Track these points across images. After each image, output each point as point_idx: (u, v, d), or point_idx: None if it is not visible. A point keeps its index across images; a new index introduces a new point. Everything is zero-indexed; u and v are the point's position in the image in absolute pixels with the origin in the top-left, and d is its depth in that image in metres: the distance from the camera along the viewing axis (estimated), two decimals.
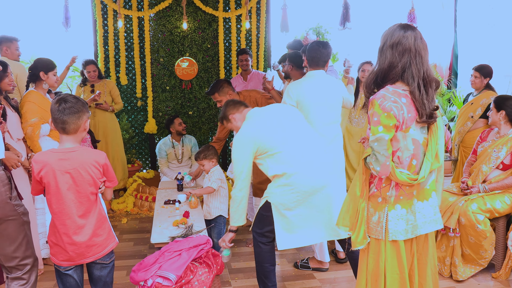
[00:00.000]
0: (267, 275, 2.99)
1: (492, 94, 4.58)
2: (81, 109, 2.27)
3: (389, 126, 2.02)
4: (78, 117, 2.26)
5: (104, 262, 2.42)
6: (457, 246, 3.50)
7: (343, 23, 6.47)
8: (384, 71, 2.11)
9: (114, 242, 2.46)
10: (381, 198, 2.18)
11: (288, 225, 2.80)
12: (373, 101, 2.06)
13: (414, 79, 2.07)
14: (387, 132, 2.03)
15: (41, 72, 3.67)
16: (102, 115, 5.35)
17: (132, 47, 6.15)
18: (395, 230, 2.14)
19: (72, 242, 2.29)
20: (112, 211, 5.31)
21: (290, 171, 2.76)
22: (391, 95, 2.05)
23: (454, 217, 3.46)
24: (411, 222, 2.16)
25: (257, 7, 6.36)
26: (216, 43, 6.28)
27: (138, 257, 3.98)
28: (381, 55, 2.12)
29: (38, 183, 2.28)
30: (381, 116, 2.02)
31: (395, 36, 2.08)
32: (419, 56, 2.08)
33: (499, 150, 3.61)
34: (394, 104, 2.02)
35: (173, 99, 6.25)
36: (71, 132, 2.27)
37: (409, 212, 2.16)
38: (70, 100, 2.26)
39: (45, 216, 3.65)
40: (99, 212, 2.37)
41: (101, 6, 5.98)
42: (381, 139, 2.03)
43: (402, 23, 2.14)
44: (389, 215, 2.15)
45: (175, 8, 6.03)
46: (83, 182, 2.27)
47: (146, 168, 6.47)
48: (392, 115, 2.02)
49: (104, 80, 5.42)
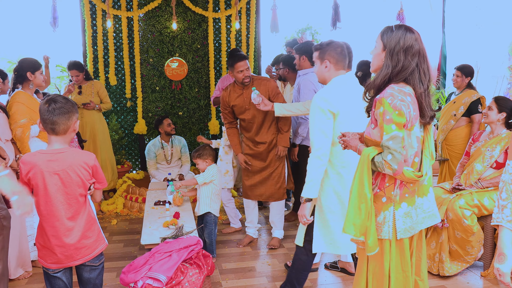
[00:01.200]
0: (301, 281, 3.01)
1: (474, 93, 4.74)
2: (71, 110, 2.25)
3: (401, 124, 2.05)
4: (68, 118, 2.24)
5: (93, 264, 2.40)
6: (445, 242, 3.54)
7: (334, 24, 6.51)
8: (395, 74, 2.14)
9: (103, 244, 2.44)
10: (385, 198, 2.19)
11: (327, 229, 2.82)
12: (382, 100, 2.07)
13: (423, 83, 2.13)
14: (400, 130, 2.05)
15: (28, 72, 3.63)
16: (90, 116, 5.30)
17: (122, 48, 6.12)
18: (402, 228, 2.17)
19: (60, 244, 2.26)
20: (101, 212, 5.27)
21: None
22: (398, 93, 2.07)
23: (442, 209, 3.53)
24: (414, 219, 2.20)
25: (247, 7, 6.36)
26: (206, 44, 6.27)
27: (128, 259, 3.95)
28: (392, 57, 2.13)
29: (26, 184, 2.26)
30: (393, 114, 2.04)
31: (407, 40, 2.12)
32: (425, 60, 2.15)
33: (492, 149, 3.65)
34: (402, 102, 2.05)
35: (163, 99, 6.22)
36: (60, 133, 2.25)
37: (413, 209, 2.20)
38: (60, 101, 2.24)
39: (33, 218, 3.61)
40: (88, 214, 2.35)
41: (89, 6, 5.93)
42: (396, 137, 2.04)
43: (404, 25, 2.17)
44: (396, 214, 2.17)
45: (164, 8, 6.00)
46: (71, 184, 2.25)
47: (136, 169, 6.44)
48: (403, 113, 2.04)
49: (91, 81, 5.37)
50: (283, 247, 4.23)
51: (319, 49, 2.88)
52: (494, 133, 3.74)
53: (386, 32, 2.18)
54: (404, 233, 2.17)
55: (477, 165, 3.70)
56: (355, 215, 2.16)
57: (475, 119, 4.63)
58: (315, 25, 7.12)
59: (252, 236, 4.36)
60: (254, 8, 6.37)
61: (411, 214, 2.20)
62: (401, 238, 2.18)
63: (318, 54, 2.88)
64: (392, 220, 2.18)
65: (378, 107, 2.10)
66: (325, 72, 2.86)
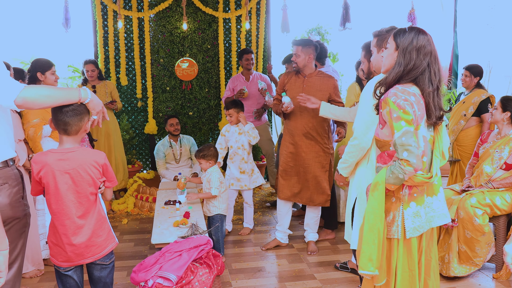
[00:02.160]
0: None
1: (483, 92, 4.68)
2: (83, 111, 2.28)
3: (409, 120, 2.07)
4: (80, 119, 2.26)
5: (103, 263, 2.42)
6: (454, 242, 3.51)
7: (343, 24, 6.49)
8: (407, 72, 2.16)
9: (113, 243, 2.46)
10: (394, 198, 2.22)
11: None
12: (387, 99, 2.11)
13: (433, 83, 2.15)
14: (411, 125, 2.07)
15: (38, 72, 3.66)
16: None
17: (132, 48, 6.16)
18: (411, 227, 2.19)
19: (71, 242, 2.29)
20: (112, 212, 5.31)
21: None
22: (401, 93, 2.10)
23: (453, 208, 3.49)
24: (423, 218, 2.22)
25: (257, 7, 6.37)
26: (216, 44, 6.29)
27: (139, 258, 3.98)
28: (405, 56, 2.16)
29: (38, 183, 2.29)
30: (399, 112, 2.07)
31: (420, 40, 2.15)
32: (436, 61, 2.17)
33: (501, 150, 3.62)
34: (405, 102, 2.07)
35: (173, 99, 6.25)
36: (72, 133, 2.28)
37: (422, 208, 2.22)
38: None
39: (45, 217, 3.65)
40: (98, 213, 2.37)
41: (101, 7, 5.98)
42: (407, 132, 2.06)
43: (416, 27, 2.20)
44: (405, 213, 2.20)
45: (175, 8, 6.03)
46: (82, 182, 2.28)
47: (147, 169, 6.47)
48: (408, 111, 2.07)
49: (104, 81, 5.42)
50: (292, 247, 4.23)
51: (377, 36, 2.74)
52: (501, 133, 3.72)
53: (399, 33, 2.20)
54: (413, 232, 2.19)
55: (486, 167, 3.66)
56: (371, 251, 2.14)
57: (485, 118, 4.58)
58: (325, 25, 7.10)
59: (280, 241, 4.22)
60: (264, 8, 6.37)
61: (420, 213, 2.21)
62: (410, 237, 2.20)
63: (375, 41, 2.75)
64: (401, 219, 2.20)
65: (384, 107, 2.14)
66: (381, 61, 2.63)
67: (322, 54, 4.39)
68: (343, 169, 2.87)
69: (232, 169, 4.54)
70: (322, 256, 4.02)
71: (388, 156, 2.23)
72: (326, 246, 4.24)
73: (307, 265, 3.84)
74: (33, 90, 2.06)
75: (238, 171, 4.49)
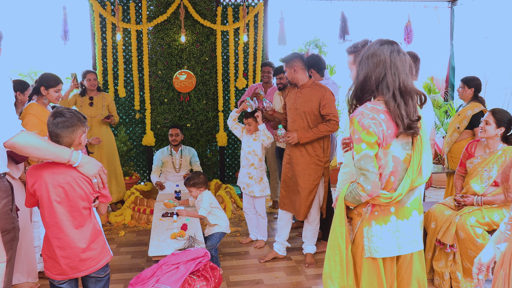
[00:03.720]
0: None
1: (477, 106, 4.66)
2: (75, 123, 2.26)
3: (371, 142, 1.99)
4: (71, 131, 2.25)
5: (99, 275, 2.40)
6: (458, 260, 3.46)
7: (343, 36, 6.56)
8: (361, 83, 2.10)
9: (108, 256, 2.44)
10: (356, 211, 2.16)
11: None
12: (352, 118, 2.04)
13: (389, 89, 2.04)
14: (371, 149, 2.00)
15: (42, 87, 3.71)
16: (98, 128, 5.32)
17: (131, 60, 6.18)
18: (368, 246, 2.10)
19: (65, 255, 2.27)
20: (109, 224, 5.28)
21: None
22: (369, 112, 2.02)
23: (450, 233, 3.43)
24: (391, 241, 2.09)
25: (254, 20, 6.41)
26: (214, 56, 6.32)
27: (136, 270, 3.95)
28: (359, 68, 2.11)
29: (32, 195, 2.28)
30: (361, 134, 1.99)
31: (371, 49, 2.09)
32: (395, 67, 2.05)
33: (490, 169, 3.54)
34: (372, 121, 2.00)
35: (171, 111, 6.26)
36: (65, 146, 2.26)
37: (384, 229, 2.09)
38: (65, 114, 2.26)
39: (40, 229, 3.63)
40: (93, 226, 2.35)
41: (99, 20, 6.02)
42: (366, 156, 1.99)
43: (383, 39, 2.13)
44: (364, 231, 2.12)
45: (173, 21, 6.07)
46: (75, 196, 2.25)
47: (144, 181, 6.46)
48: (372, 132, 1.99)
49: (102, 93, 5.42)
50: (290, 259, 4.20)
51: (353, 52, 2.64)
52: (490, 147, 3.61)
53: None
54: (371, 251, 2.10)
55: (474, 186, 3.58)
56: (331, 268, 2.12)
57: (477, 132, 4.56)
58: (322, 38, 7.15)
59: (277, 253, 4.20)
60: (262, 21, 6.42)
61: (381, 235, 2.09)
62: (368, 256, 2.11)
63: (353, 58, 2.65)
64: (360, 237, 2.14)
65: (350, 126, 2.06)
66: None
67: (321, 67, 4.41)
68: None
69: (242, 172, 4.58)
70: (320, 269, 3.99)
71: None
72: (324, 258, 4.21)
73: (305, 277, 3.81)
74: (25, 138, 2.08)
75: (247, 176, 4.50)
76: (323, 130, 3.80)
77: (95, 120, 5.27)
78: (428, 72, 7.46)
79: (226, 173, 6.71)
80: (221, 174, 6.63)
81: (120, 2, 6.03)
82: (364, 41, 2.65)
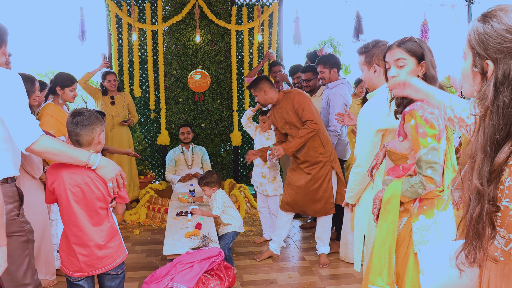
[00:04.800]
0: None
1: None
2: (94, 122, 2.30)
3: (435, 135, 2.01)
4: (91, 130, 2.29)
5: (114, 273, 2.43)
6: None
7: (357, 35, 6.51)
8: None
9: (124, 254, 2.47)
10: (403, 208, 2.14)
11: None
12: (413, 112, 2.03)
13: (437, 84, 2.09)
14: (436, 141, 2.02)
15: (58, 87, 3.75)
16: (119, 129, 5.44)
17: (146, 60, 6.23)
18: (420, 241, 2.10)
19: (83, 253, 2.30)
20: (124, 222, 5.34)
21: None
22: (428, 106, 2.02)
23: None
24: (435, 234, 2.12)
25: (269, 20, 6.41)
26: (228, 56, 6.34)
27: (150, 269, 3.98)
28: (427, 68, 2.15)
29: (51, 193, 2.32)
30: (425, 128, 2.00)
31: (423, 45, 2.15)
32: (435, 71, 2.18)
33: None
34: (431, 115, 2.01)
35: (186, 111, 6.30)
36: (84, 145, 2.30)
37: (432, 222, 2.12)
38: (84, 113, 2.30)
39: (57, 227, 3.68)
40: (110, 226, 2.38)
41: (116, 20, 6.08)
42: (433, 149, 2.00)
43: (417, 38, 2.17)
44: (413, 226, 2.11)
45: (188, 21, 6.10)
46: (92, 197, 2.28)
47: (159, 180, 6.51)
48: (434, 125, 2.01)
49: (123, 93, 5.55)
50: (305, 259, 4.20)
51: (364, 52, 2.59)
52: None
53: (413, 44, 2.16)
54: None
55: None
56: (381, 266, 2.10)
57: None
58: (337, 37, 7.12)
59: (273, 252, 4.24)
60: (276, 20, 6.41)
61: (430, 228, 2.11)
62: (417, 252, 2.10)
63: (364, 58, 2.60)
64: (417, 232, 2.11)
65: (408, 120, 2.04)
66: (374, 78, 2.61)
67: (335, 66, 4.38)
68: (350, 198, 2.78)
69: (256, 171, 4.60)
70: (334, 269, 3.98)
71: (403, 169, 2.14)
72: (338, 259, 4.20)
73: (319, 278, 3.80)
74: (45, 143, 2.12)
75: (260, 175, 4.52)
76: (303, 134, 3.86)
77: (116, 119, 5.39)
78: (445, 71, 7.36)
79: (240, 172, 6.72)
80: (235, 173, 6.65)
81: (136, 3, 6.09)
82: (375, 41, 2.62)
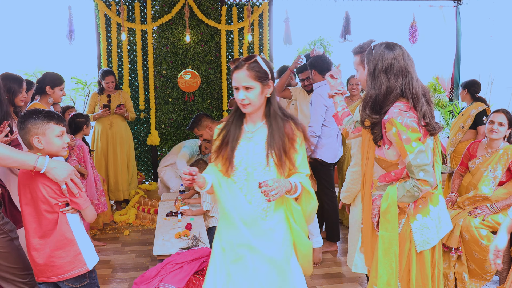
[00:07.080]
0: None
1: (480, 105, 4.77)
2: (26, 126, 2.16)
3: (418, 138, 2.02)
4: (24, 133, 2.17)
5: (72, 285, 2.26)
6: (464, 261, 3.44)
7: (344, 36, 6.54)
8: (383, 95, 2.09)
9: (82, 268, 2.24)
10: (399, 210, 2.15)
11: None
12: (392, 120, 2.03)
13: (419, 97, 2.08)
14: (421, 143, 2.03)
15: (47, 86, 3.71)
16: (119, 126, 5.46)
17: (135, 60, 6.20)
18: (421, 240, 2.13)
19: (32, 259, 2.21)
20: (114, 223, 5.30)
21: None
22: (406, 111, 2.04)
23: (455, 236, 3.39)
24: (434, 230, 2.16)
25: (259, 20, 6.41)
26: (218, 56, 6.33)
27: (140, 269, 3.96)
28: (374, 80, 2.09)
29: None
30: (408, 133, 2.01)
31: (386, 60, 2.07)
32: (410, 75, 2.08)
33: (494, 169, 3.50)
34: (411, 119, 2.02)
35: (176, 111, 6.28)
36: (27, 146, 2.22)
37: (429, 219, 2.15)
38: (24, 115, 2.19)
39: None
40: (60, 234, 2.19)
41: (104, 19, 6.04)
42: (420, 152, 2.02)
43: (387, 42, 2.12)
44: (412, 226, 2.13)
45: (178, 21, 6.08)
46: (37, 199, 2.16)
47: (149, 180, 6.47)
48: (416, 128, 2.02)
49: (119, 91, 5.55)
50: None
51: (359, 53, 2.56)
52: (492, 147, 3.57)
53: (367, 54, 2.14)
54: (423, 245, 2.13)
55: (484, 188, 3.50)
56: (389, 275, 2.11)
57: (480, 130, 4.64)
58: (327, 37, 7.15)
59: None
60: (266, 20, 6.41)
61: (428, 225, 2.14)
62: (421, 250, 2.14)
63: (359, 58, 2.57)
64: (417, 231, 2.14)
65: (389, 129, 2.05)
66: None
67: (324, 67, 4.35)
68: (345, 198, 2.79)
69: None
70: (325, 268, 3.99)
71: (396, 174, 2.15)
72: (328, 258, 4.21)
73: (309, 277, 3.81)
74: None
75: None
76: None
77: (114, 117, 5.41)
78: (433, 71, 7.44)
79: None
80: None
81: (125, 2, 6.05)
82: (369, 42, 2.60)
